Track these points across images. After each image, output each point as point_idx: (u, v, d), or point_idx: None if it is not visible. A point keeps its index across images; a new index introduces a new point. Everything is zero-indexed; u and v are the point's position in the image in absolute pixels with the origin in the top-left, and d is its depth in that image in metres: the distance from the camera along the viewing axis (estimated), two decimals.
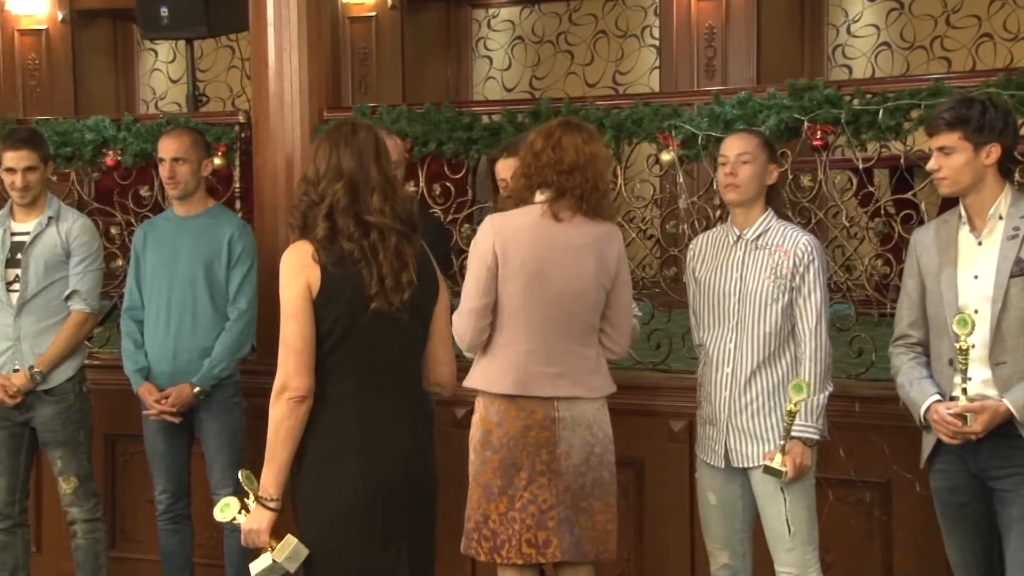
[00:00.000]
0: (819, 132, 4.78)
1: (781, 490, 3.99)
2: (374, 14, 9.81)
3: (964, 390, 3.67)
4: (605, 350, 4.11)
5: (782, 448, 3.94)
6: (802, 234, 4.09)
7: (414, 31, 9.98)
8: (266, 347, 4.97)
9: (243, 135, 5.78)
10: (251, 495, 3.41)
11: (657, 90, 9.07)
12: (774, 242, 4.06)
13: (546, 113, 5.16)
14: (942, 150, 3.74)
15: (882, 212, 5.01)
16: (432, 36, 10.19)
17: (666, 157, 5.06)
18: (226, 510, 3.45)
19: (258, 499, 3.39)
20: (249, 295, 4.91)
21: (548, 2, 9.99)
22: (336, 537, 3.37)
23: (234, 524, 3.46)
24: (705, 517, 4.20)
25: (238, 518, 3.42)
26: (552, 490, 3.97)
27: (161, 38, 9.48)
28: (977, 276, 3.74)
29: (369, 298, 3.34)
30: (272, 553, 3.36)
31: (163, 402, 4.80)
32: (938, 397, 3.76)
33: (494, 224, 4.01)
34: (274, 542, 3.36)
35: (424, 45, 10.07)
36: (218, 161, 5.54)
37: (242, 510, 3.41)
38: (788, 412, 3.92)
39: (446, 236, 4.76)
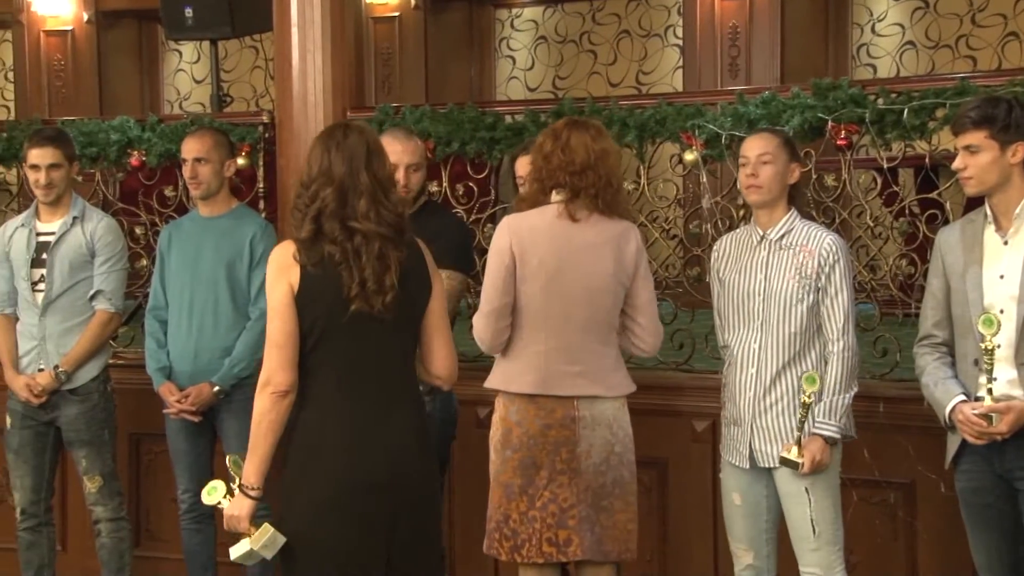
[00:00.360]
0: (843, 132, 4.76)
1: (806, 490, 3.98)
2: (397, 14, 9.83)
3: (989, 390, 3.65)
4: (634, 348, 4.12)
5: (798, 440, 3.93)
6: (826, 234, 4.07)
7: (437, 31, 9.99)
8: None
9: (267, 135, 5.80)
10: (237, 480, 3.51)
11: (680, 90, 9.06)
12: (798, 242, 4.04)
13: (569, 113, 5.16)
14: (968, 149, 3.72)
15: (907, 212, 4.99)
16: (455, 36, 10.19)
17: (689, 157, 5.06)
18: (212, 494, 3.54)
19: (240, 487, 3.49)
20: None
21: (571, 2, 9.98)
22: (313, 529, 3.45)
23: (219, 508, 3.54)
24: (730, 518, 4.19)
25: (223, 503, 3.51)
26: (572, 489, 3.97)
27: (185, 39, 9.52)
28: (1003, 276, 3.72)
29: (349, 299, 3.39)
30: (250, 540, 3.47)
31: (183, 401, 4.81)
32: (963, 397, 3.74)
33: (511, 225, 4.00)
34: (254, 529, 3.46)
35: (447, 45, 10.08)
36: (242, 161, 5.55)
37: (227, 495, 3.51)
38: (802, 404, 3.91)
39: (468, 235, 4.76)
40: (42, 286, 4.95)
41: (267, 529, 3.45)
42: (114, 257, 5.01)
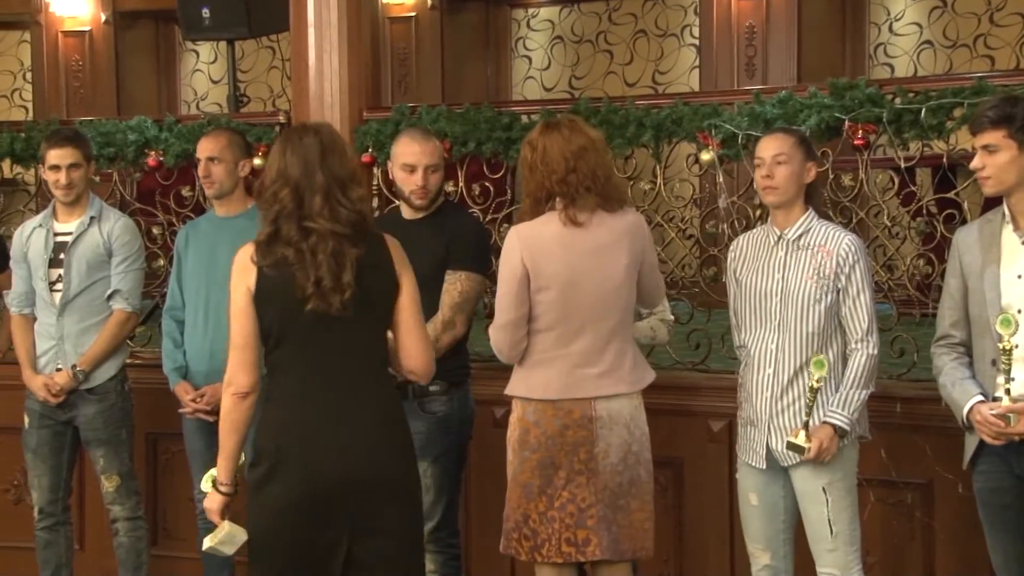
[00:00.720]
0: (860, 131, 4.75)
1: (823, 490, 3.97)
2: (414, 14, 9.83)
3: (1007, 390, 3.64)
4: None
5: (805, 424, 3.92)
6: (844, 234, 4.05)
7: (454, 31, 10.00)
8: None
9: None
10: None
11: (697, 89, 9.04)
12: (816, 242, 4.03)
13: (585, 113, 5.16)
14: (986, 148, 3.71)
15: (924, 211, 4.97)
16: (471, 36, 10.19)
17: (706, 156, 5.05)
18: (207, 483, 3.65)
19: (214, 482, 3.57)
20: None
21: (587, 1, 9.98)
22: (270, 526, 3.50)
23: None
24: (746, 518, 4.18)
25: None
26: (591, 489, 3.97)
27: (203, 39, 9.54)
28: (1021, 276, 3.71)
29: (305, 299, 3.42)
30: (209, 536, 3.59)
31: (198, 400, 4.82)
32: (981, 398, 3.73)
33: (520, 235, 3.99)
34: (225, 524, 3.56)
35: (463, 45, 10.08)
36: (258, 161, 5.55)
37: (213, 487, 3.63)
38: (810, 388, 3.91)
39: (485, 236, 4.76)
40: (60, 286, 4.96)
41: (225, 526, 3.55)
42: (131, 257, 5.03)
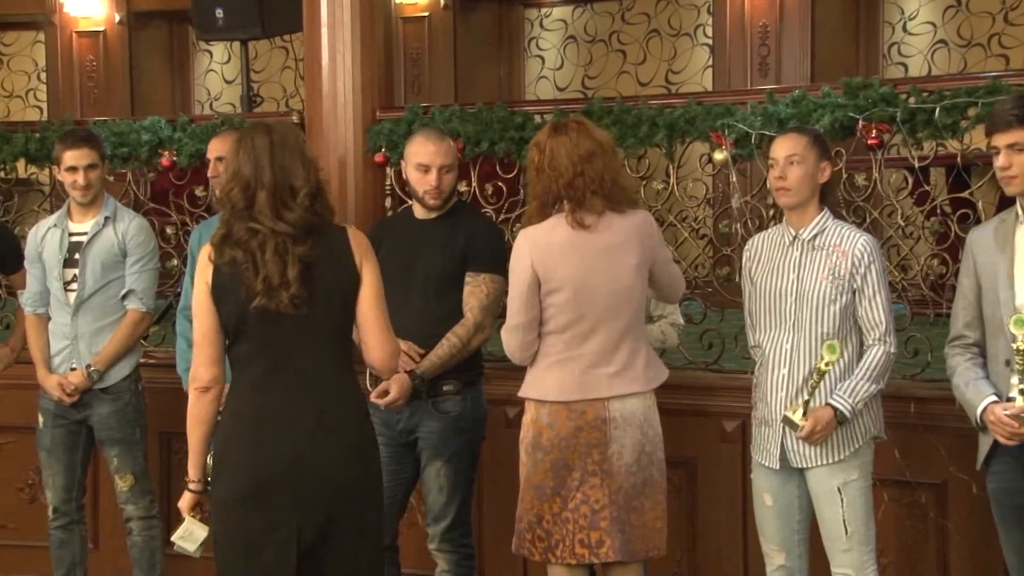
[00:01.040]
0: (874, 131, 4.74)
1: (838, 490, 3.97)
2: (427, 14, 9.83)
3: (1021, 391, 3.63)
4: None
5: (806, 403, 3.91)
6: (859, 234, 4.04)
7: (466, 31, 9.99)
8: None
9: None
10: None
11: (710, 89, 9.03)
12: (831, 242, 4.02)
13: (598, 113, 5.16)
14: (1013, 147, 3.67)
15: (938, 211, 4.96)
16: (484, 36, 10.19)
17: (719, 156, 5.04)
18: None
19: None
20: None
21: (601, 1, 9.97)
22: (226, 519, 3.55)
23: None
24: (761, 518, 4.17)
25: None
26: (604, 490, 3.97)
27: (216, 39, 9.55)
28: None
29: (254, 296, 3.46)
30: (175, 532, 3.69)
31: None
32: (995, 398, 3.72)
33: (529, 239, 3.99)
34: (187, 520, 3.67)
35: (476, 45, 10.08)
36: None
37: None
38: (817, 370, 3.90)
39: (501, 237, 4.76)
40: (74, 286, 4.97)
41: (185, 522, 3.65)
42: (145, 257, 5.04)
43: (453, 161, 4.53)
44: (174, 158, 5.98)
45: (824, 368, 3.89)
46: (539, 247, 3.96)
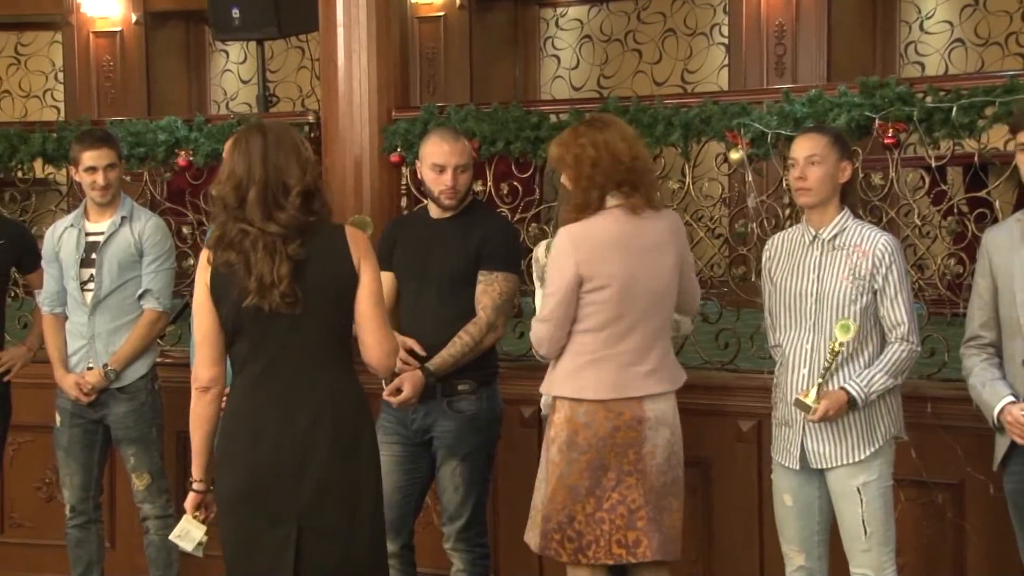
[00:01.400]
0: (891, 130, 4.73)
1: (858, 490, 3.95)
2: (442, 14, 9.84)
3: None
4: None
5: (819, 386, 3.90)
6: (880, 234, 4.02)
7: (482, 30, 10.00)
8: None
9: (312, 135, 5.82)
10: None
11: (726, 88, 9.02)
12: (851, 242, 3.99)
13: (614, 112, 5.14)
14: None
15: (955, 210, 4.94)
16: (500, 35, 10.20)
17: (735, 155, 5.04)
18: None
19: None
20: None
21: (616, 1, 9.96)
22: (227, 519, 3.59)
23: None
24: (781, 519, 4.16)
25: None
26: (640, 490, 3.97)
27: (232, 39, 9.57)
28: None
29: (247, 296, 3.47)
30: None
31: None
32: (1011, 398, 3.71)
33: (573, 237, 3.96)
34: (184, 520, 3.71)
35: (492, 44, 10.09)
36: None
37: None
38: (830, 351, 3.89)
39: (516, 236, 4.77)
40: (91, 286, 4.99)
41: (182, 521, 3.69)
42: (162, 256, 5.05)
43: (468, 161, 4.53)
44: (190, 158, 5.99)
45: (837, 349, 3.87)
46: (585, 243, 3.94)
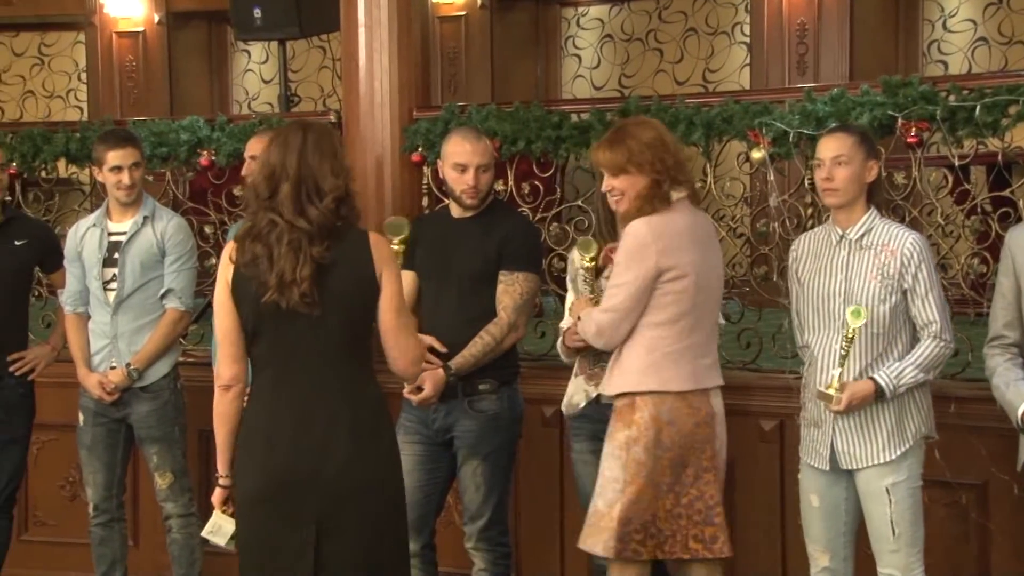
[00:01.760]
0: (913, 129, 4.71)
1: (887, 491, 3.94)
2: (464, 14, 9.84)
3: None
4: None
5: (840, 375, 3.89)
6: (908, 233, 3.99)
7: (503, 30, 9.99)
8: None
9: None
10: None
11: (747, 88, 8.99)
12: (879, 241, 3.97)
13: (635, 111, 5.15)
14: None
15: (979, 210, 4.92)
16: (521, 35, 10.19)
17: (757, 155, 5.02)
18: None
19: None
20: None
21: (637, 0, 9.95)
22: (246, 519, 3.59)
23: None
24: (807, 519, 4.15)
25: None
26: (716, 485, 4.01)
27: (254, 39, 9.59)
28: None
29: (267, 291, 3.46)
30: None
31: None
32: None
33: (652, 227, 3.94)
34: (215, 514, 3.72)
35: (513, 44, 10.08)
36: None
37: None
38: (845, 337, 3.87)
39: (537, 237, 4.76)
40: (114, 285, 5.00)
41: (214, 516, 3.71)
42: (184, 256, 5.06)
43: (490, 160, 4.53)
44: (212, 157, 6.01)
45: (851, 335, 3.86)
46: (665, 234, 3.94)
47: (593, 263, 4.28)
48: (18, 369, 5.15)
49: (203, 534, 3.80)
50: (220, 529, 3.72)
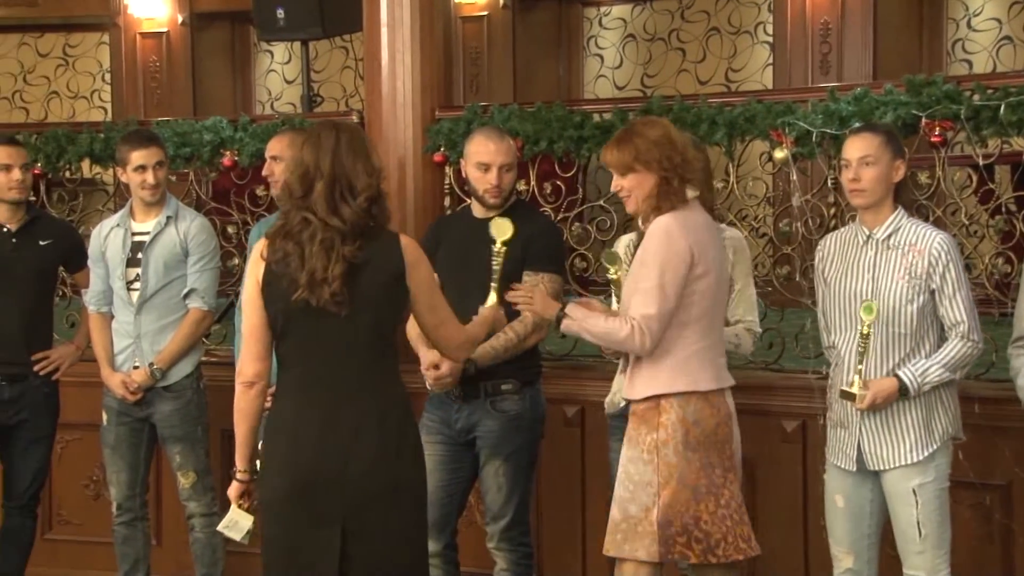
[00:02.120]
0: (937, 128, 4.69)
1: (913, 492, 3.92)
2: (486, 14, 9.84)
3: None
4: None
5: (860, 373, 3.87)
6: (936, 233, 3.97)
7: (526, 30, 9.99)
8: None
9: None
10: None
11: (770, 87, 8.96)
12: (907, 241, 3.94)
13: (658, 111, 5.14)
14: None
15: (1003, 209, 4.90)
16: (543, 35, 10.18)
17: (779, 154, 5.01)
18: None
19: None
20: None
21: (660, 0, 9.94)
22: (271, 519, 3.58)
23: None
24: (831, 520, 4.13)
25: None
26: (737, 484, 4.00)
27: (277, 39, 9.61)
28: None
29: (297, 290, 3.47)
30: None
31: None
32: None
33: (685, 223, 3.90)
34: (232, 509, 3.73)
35: (535, 44, 10.07)
36: None
37: None
38: (861, 334, 3.85)
39: (560, 237, 4.76)
40: (137, 285, 5.02)
41: (231, 511, 3.72)
42: (207, 256, 5.08)
43: (513, 160, 4.53)
44: (235, 158, 6.03)
45: (867, 331, 3.84)
46: (690, 229, 3.91)
47: (617, 275, 4.23)
48: (42, 368, 5.18)
49: (219, 528, 3.83)
50: (237, 524, 3.73)
